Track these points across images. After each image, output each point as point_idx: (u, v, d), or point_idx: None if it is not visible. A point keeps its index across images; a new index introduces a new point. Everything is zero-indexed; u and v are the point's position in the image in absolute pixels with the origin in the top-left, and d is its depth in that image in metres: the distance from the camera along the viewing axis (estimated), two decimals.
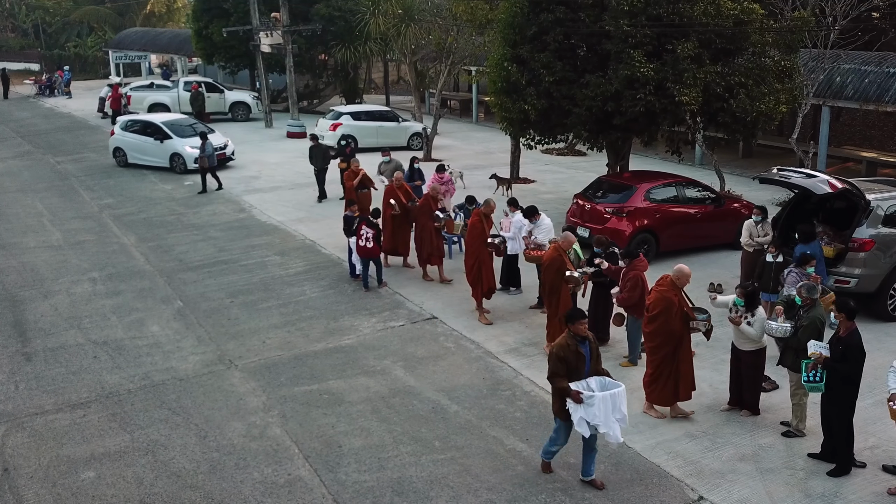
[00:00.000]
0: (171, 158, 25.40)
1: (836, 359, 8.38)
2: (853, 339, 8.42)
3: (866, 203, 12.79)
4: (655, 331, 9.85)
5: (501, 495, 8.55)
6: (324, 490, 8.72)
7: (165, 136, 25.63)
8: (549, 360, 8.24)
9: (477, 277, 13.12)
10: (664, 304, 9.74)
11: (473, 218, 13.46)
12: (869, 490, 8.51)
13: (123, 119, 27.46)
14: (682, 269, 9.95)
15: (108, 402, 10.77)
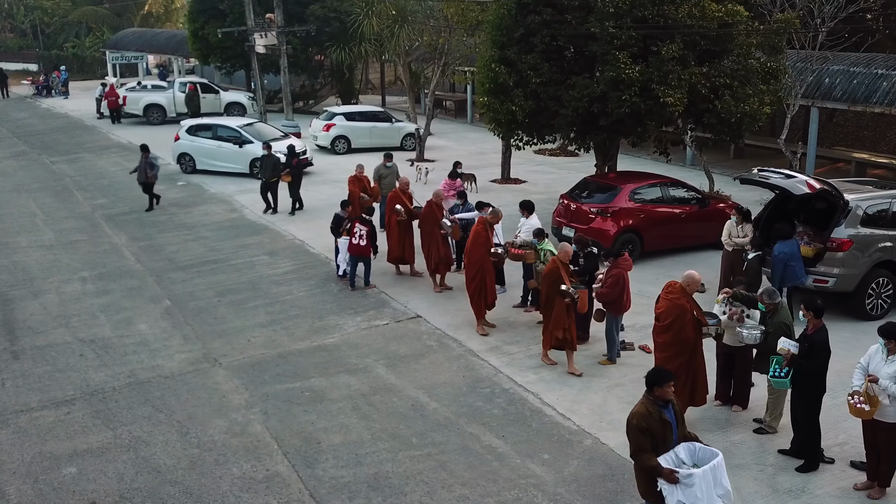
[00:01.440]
0: (252, 164, 24.37)
1: (803, 355, 8.54)
2: (819, 336, 8.58)
3: (845, 203, 12.93)
4: (670, 341, 9.55)
5: (475, 490, 8.70)
6: (301, 485, 8.87)
7: (245, 140, 24.77)
8: (630, 434, 6.92)
9: (479, 288, 12.64)
10: (677, 312, 9.48)
11: (477, 226, 12.99)
12: (836, 486, 8.66)
13: (189, 123, 26.21)
14: (692, 276, 9.70)
15: (92, 400, 10.92)
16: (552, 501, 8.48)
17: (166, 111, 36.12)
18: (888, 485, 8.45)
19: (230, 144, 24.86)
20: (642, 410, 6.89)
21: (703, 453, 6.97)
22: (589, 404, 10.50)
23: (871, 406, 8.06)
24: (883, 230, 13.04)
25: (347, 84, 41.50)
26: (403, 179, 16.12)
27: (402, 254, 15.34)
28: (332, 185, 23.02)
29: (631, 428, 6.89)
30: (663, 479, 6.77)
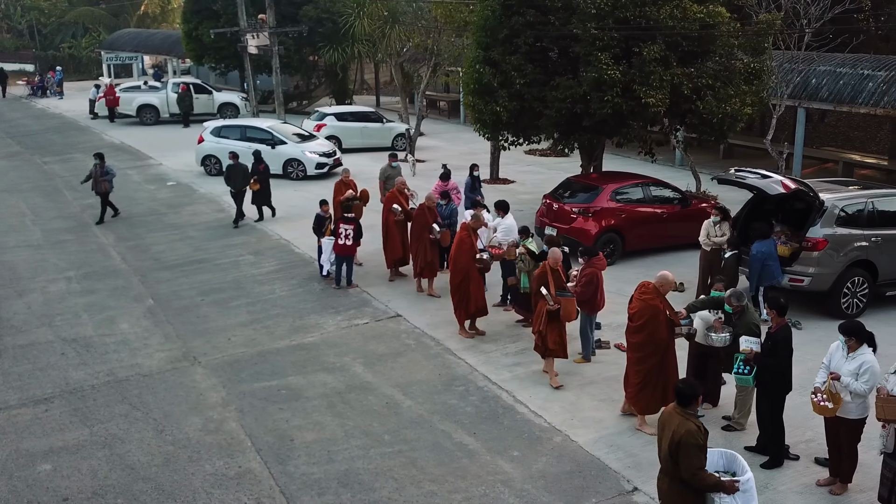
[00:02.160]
0: (286, 165, 24.37)
1: (766, 353, 8.64)
2: (782, 334, 8.69)
3: (820, 203, 13.03)
4: (643, 341, 9.59)
5: (443, 487, 8.81)
6: (272, 482, 8.98)
7: (278, 141, 24.66)
8: (687, 455, 6.51)
9: (464, 295, 12.47)
10: (650, 313, 9.54)
11: (461, 233, 12.80)
12: (799, 482, 8.76)
13: (213, 125, 25.95)
14: (665, 276, 9.77)
15: (71, 398, 11.03)
16: (518, 497, 8.58)
17: (159, 112, 36.24)
18: (850, 480, 8.56)
19: (261, 146, 24.39)
20: (693, 427, 6.58)
21: (728, 457, 6.97)
22: (561, 402, 10.61)
23: (834, 403, 8.16)
24: (858, 230, 13.14)
25: (341, 84, 41.63)
26: (400, 180, 16.08)
27: (404, 255, 15.21)
28: (321, 185, 23.11)
29: (689, 448, 6.50)
30: (724, 492, 6.54)
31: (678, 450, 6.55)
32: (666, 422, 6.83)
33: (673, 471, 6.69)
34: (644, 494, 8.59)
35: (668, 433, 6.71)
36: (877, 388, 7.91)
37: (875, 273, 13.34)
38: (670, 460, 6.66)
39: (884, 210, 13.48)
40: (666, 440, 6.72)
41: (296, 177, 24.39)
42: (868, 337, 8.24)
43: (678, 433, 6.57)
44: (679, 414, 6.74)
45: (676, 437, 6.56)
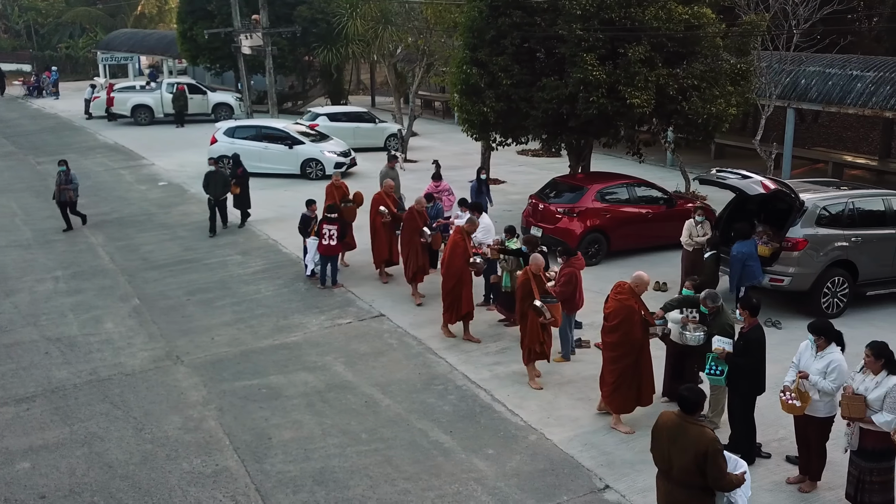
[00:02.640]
0: (304, 165, 24.52)
1: (738, 353, 8.71)
2: (754, 334, 8.76)
3: (800, 204, 13.11)
4: (618, 341, 9.68)
5: (417, 484, 8.88)
6: (248, 480, 9.06)
7: (296, 141, 24.79)
8: (717, 462, 6.49)
9: (456, 299, 12.39)
10: (625, 313, 9.62)
11: (455, 236, 12.71)
12: (769, 479, 8.84)
13: (226, 125, 25.93)
14: (640, 277, 9.85)
15: (53, 397, 11.11)
16: (491, 495, 8.66)
17: (154, 112, 36.31)
18: (819, 479, 8.63)
19: (279, 145, 24.73)
20: (712, 435, 6.62)
21: None
22: (539, 401, 10.69)
23: (802, 402, 8.23)
24: (839, 230, 13.21)
25: (336, 85, 41.72)
26: (388, 182, 15.92)
27: (390, 256, 15.22)
28: (313, 185, 23.18)
29: (718, 455, 6.48)
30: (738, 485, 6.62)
31: (706, 460, 6.45)
32: (674, 434, 6.68)
33: (695, 480, 6.58)
34: (615, 492, 8.67)
35: (683, 445, 6.59)
36: (843, 386, 7.98)
37: (855, 273, 13.41)
38: (695, 471, 6.54)
39: (864, 210, 13.56)
40: (684, 453, 6.59)
41: (315, 176, 24.45)
42: (836, 336, 8.30)
43: (703, 444, 6.48)
44: (690, 423, 6.65)
45: (702, 448, 6.46)
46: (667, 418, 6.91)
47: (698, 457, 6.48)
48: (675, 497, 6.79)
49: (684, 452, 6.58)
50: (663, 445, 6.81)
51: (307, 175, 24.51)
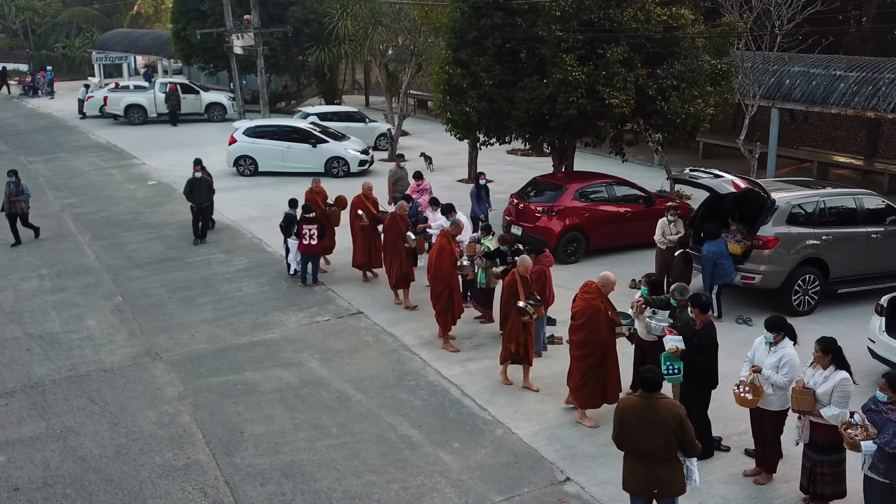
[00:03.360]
0: (329, 163, 24.75)
1: (692, 350, 8.90)
2: (707, 331, 8.95)
3: (772, 202, 13.29)
4: (584, 339, 9.83)
5: (383, 477, 9.08)
6: (217, 472, 9.25)
7: (319, 139, 25.02)
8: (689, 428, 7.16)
9: (447, 304, 12.31)
10: (591, 312, 9.77)
11: (441, 240, 12.61)
12: (727, 472, 9.04)
13: (246, 125, 26.03)
14: (607, 277, 9.98)
15: (31, 392, 11.30)
16: (454, 488, 8.85)
17: (147, 111, 36.50)
18: (774, 471, 8.83)
19: (302, 144, 24.91)
20: (679, 404, 7.34)
21: None
22: (507, 396, 10.88)
23: (755, 395, 8.42)
24: (809, 228, 13.39)
25: (329, 84, 41.89)
26: (366, 184, 15.75)
27: (369, 260, 15.19)
28: (302, 184, 23.32)
29: (687, 419, 7.12)
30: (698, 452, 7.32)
31: (682, 427, 7.01)
32: (644, 414, 7.05)
33: (672, 452, 7.10)
34: (575, 484, 8.86)
35: (658, 421, 6.99)
36: (795, 380, 8.17)
37: (826, 271, 13.59)
38: (673, 442, 7.04)
39: (835, 209, 13.75)
40: (661, 428, 6.99)
41: (339, 174, 24.71)
42: (790, 331, 8.50)
43: (675, 413, 7.03)
44: (656, 399, 7.09)
45: (677, 416, 7.00)
46: (631, 403, 7.25)
47: (675, 426, 6.99)
48: (655, 474, 7.16)
49: (661, 427, 7.01)
50: (634, 429, 7.14)
51: (332, 173, 24.75)
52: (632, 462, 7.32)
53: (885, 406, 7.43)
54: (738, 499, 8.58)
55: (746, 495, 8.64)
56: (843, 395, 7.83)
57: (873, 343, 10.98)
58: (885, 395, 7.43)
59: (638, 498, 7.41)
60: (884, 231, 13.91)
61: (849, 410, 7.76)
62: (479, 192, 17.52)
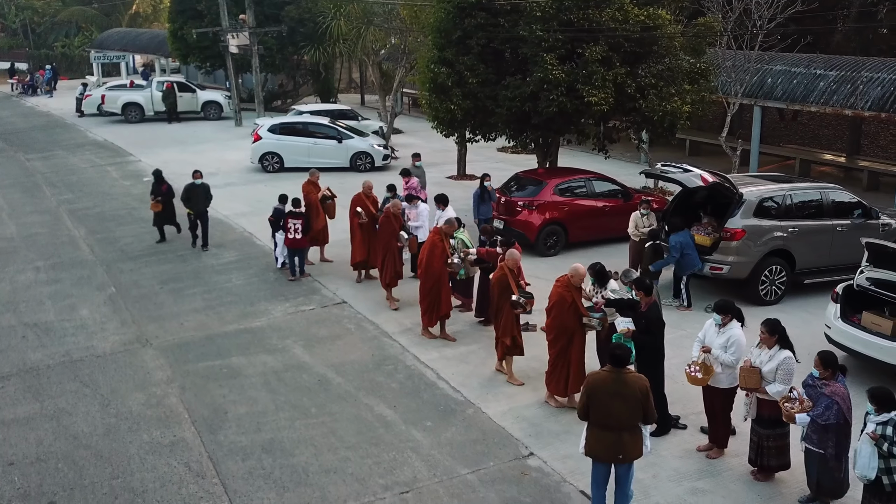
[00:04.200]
0: (354, 158, 25.64)
1: (642, 331, 9.42)
2: (653, 312, 9.49)
3: (739, 196, 13.80)
4: (550, 325, 10.42)
5: (357, 453, 9.60)
6: (202, 449, 9.77)
7: (345, 136, 25.85)
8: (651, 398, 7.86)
9: (434, 300, 12.49)
10: (557, 299, 10.27)
11: (433, 236, 12.79)
12: (682, 448, 9.56)
13: (270, 122, 26.59)
14: (577, 269, 10.34)
15: (26, 376, 11.83)
16: (424, 462, 9.38)
17: (144, 110, 37.02)
18: (725, 446, 9.36)
19: (328, 140, 25.72)
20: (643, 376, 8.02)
21: None
22: (480, 379, 11.40)
23: (705, 374, 8.94)
24: (776, 221, 13.90)
25: (325, 83, 42.40)
26: (366, 183, 15.73)
27: (367, 258, 15.16)
28: (295, 180, 23.85)
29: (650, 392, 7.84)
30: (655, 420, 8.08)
31: (647, 398, 7.73)
32: (614, 387, 7.71)
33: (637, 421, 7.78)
34: (538, 458, 9.39)
35: (626, 393, 7.66)
36: (743, 360, 8.70)
37: (793, 262, 14.10)
38: (639, 412, 7.73)
39: (801, 203, 14.26)
40: (629, 400, 7.67)
41: (364, 168, 25.57)
42: (738, 313, 9.02)
43: (642, 385, 7.75)
44: (624, 373, 7.76)
45: (643, 388, 7.72)
46: (601, 377, 7.89)
47: (642, 397, 7.70)
48: (622, 442, 7.80)
49: (630, 399, 7.68)
50: (603, 401, 7.73)
51: (357, 168, 25.59)
52: (599, 431, 7.89)
53: (819, 381, 7.97)
54: (691, 471, 9.10)
55: (698, 468, 9.16)
56: (786, 372, 8.36)
57: (829, 329, 11.50)
58: (818, 371, 7.95)
59: (602, 464, 8.00)
60: (850, 224, 14.41)
61: (790, 387, 8.28)
62: (483, 195, 17.39)
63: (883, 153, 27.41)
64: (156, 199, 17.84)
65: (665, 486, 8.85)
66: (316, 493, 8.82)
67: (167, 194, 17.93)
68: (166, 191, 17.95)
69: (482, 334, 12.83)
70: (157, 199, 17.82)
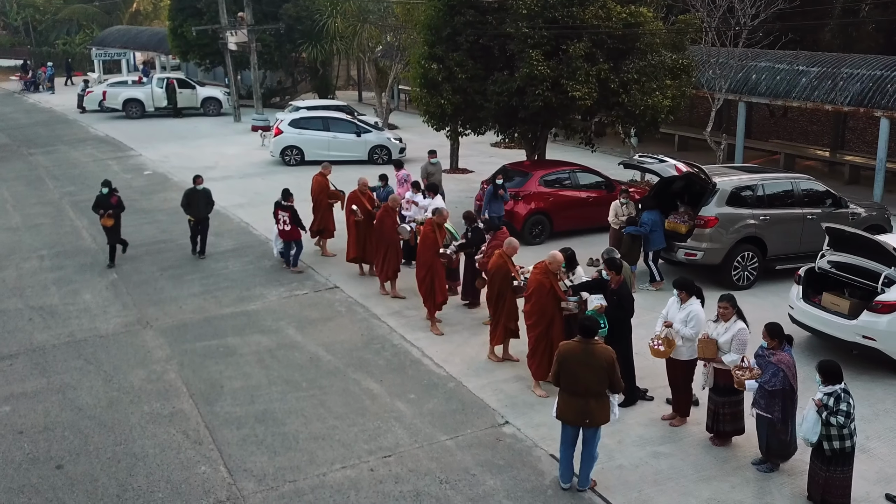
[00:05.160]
0: (371, 151, 26.65)
1: (614, 307, 10.08)
2: (623, 289, 10.16)
3: (713, 185, 14.45)
4: (530, 310, 10.70)
5: (345, 422, 10.27)
6: (199, 419, 10.43)
7: (364, 130, 26.98)
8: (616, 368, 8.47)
9: (429, 290, 12.84)
10: (537, 286, 10.65)
11: (425, 227, 13.14)
12: (647, 417, 10.23)
13: (290, 117, 27.34)
14: (554, 255, 10.67)
15: (33, 355, 12.49)
16: (406, 430, 10.04)
17: (144, 106, 37.67)
18: (687, 414, 10.02)
19: (348, 134, 26.76)
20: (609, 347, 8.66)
21: None
22: (463, 356, 12.07)
23: (667, 347, 9.60)
24: (748, 209, 14.55)
25: (323, 80, 43.06)
26: (361, 180, 15.71)
27: (362, 254, 15.31)
28: (293, 175, 24.57)
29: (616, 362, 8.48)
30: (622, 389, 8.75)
31: (613, 367, 8.33)
32: (582, 356, 8.37)
33: (603, 388, 8.41)
34: (512, 426, 10.07)
35: (594, 362, 8.31)
36: (701, 333, 9.36)
37: (765, 249, 14.75)
38: (605, 380, 8.36)
39: (773, 192, 14.90)
40: (596, 369, 8.31)
41: (380, 161, 26.42)
42: (697, 291, 9.69)
43: (609, 356, 8.38)
44: (593, 344, 8.42)
45: (609, 358, 8.36)
46: (571, 347, 8.57)
47: (608, 367, 8.32)
48: (589, 407, 8.43)
49: (597, 368, 8.31)
50: (573, 369, 8.41)
51: (374, 160, 26.51)
52: (568, 397, 8.56)
53: (767, 351, 8.63)
54: (654, 438, 9.76)
55: (661, 435, 9.82)
56: (740, 343, 9.03)
57: (792, 309, 12.15)
58: (766, 342, 8.62)
59: (570, 427, 8.67)
60: (820, 213, 15.05)
61: (743, 356, 8.95)
62: (496, 192, 16.92)
63: (868, 148, 28.00)
64: (106, 214, 16.06)
65: (629, 450, 9.51)
66: (305, 457, 9.48)
67: (118, 207, 16.31)
68: (116, 203, 16.30)
69: (466, 316, 13.50)
70: (107, 214, 16.06)
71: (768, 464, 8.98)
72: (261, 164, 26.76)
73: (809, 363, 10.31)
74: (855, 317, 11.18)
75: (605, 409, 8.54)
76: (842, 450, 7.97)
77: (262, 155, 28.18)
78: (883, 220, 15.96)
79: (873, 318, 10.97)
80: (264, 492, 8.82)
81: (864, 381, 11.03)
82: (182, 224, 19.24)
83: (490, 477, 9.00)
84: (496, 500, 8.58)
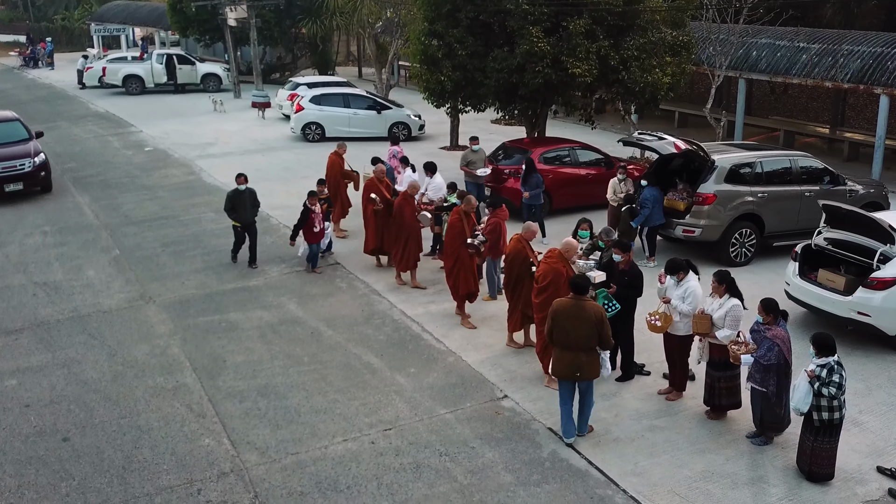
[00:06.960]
0: (391, 128, 26.73)
1: (626, 286, 10.23)
2: (634, 269, 10.31)
3: (711, 162, 14.53)
4: (545, 301, 9.91)
5: (346, 395, 10.43)
6: (202, 393, 10.59)
7: (384, 106, 27.11)
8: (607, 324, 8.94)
9: (456, 280, 12.34)
10: (553, 275, 10.02)
11: (453, 216, 12.62)
12: (644, 391, 10.38)
13: (311, 93, 27.38)
14: (569, 243, 10.34)
15: (38, 330, 12.63)
16: (406, 403, 10.21)
17: (144, 82, 37.61)
18: (683, 389, 10.18)
19: (367, 111, 26.93)
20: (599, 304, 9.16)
21: None
22: (462, 331, 12.22)
23: (664, 323, 9.74)
24: (746, 186, 14.63)
25: (322, 56, 42.95)
26: (379, 167, 15.03)
27: (381, 245, 14.71)
28: (293, 151, 24.63)
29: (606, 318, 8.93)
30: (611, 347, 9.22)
31: (602, 323, 8.75)
32: (574, 312, 8.78)
33: (594, 343, 8.82)
34: (511, 400, 10.22)
35: (585, 318, 8.72)
36: (698, 308, 9.50)
37: (762, 226, 14.85)
38: (594, 335, 8.77)
39: (771, 170, 14.97)
40: (586, 323, 8.72)
41: (400, 138, 25.68)
42: (692, 268, 9.81)
43: (598, 312, 8.81)
44: (584, 301, 8.82)
45: (599, 315, 8.79)
46: (564, 304, 8.95)
47: (597, 322, 8.74)
48: (580, 361, 8.87)
49: (587, 323, 8.73)
50: (565, 324, 8.84)
51: (394, 137, 25.73)
52: (560, 352, 8.98)
53: (762, 327, 8.77)
54: (650, 412, 9.92)
55: (657, 409, 9.99)
56: (734, 318, 9.16)
57: (788, 286, 12.28)
58: (761, 317, 8.75)
59: (565, 381, 9.04)
60: (818, 190, 15.13)
61: (738, 331, 9.09)
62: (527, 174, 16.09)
63: (868, 125, 27.96)
64: None
65: (626, 423, 9.67)
66: (306, 430, 9.65)
67: None
68: None
69: None
70: None
71: (762, 437, 9.14)
72: (260, 141, 26.80)
73: (804, 338, 10.43)
74: (850, 293, 11.31)
75: (595, 364, 8.95)
76: (830, 421, 8.15)
77: (260, 132, 28.20)
78: (881, 198, 16.04)
79: (868, 295, 11.10)
80: (267, 464, 8.99)
81: (858, 357, 11.19)
82: (184, 199, 19.48)
83: (489, 449, 9.17)
84: (495, 472, 8.75)
